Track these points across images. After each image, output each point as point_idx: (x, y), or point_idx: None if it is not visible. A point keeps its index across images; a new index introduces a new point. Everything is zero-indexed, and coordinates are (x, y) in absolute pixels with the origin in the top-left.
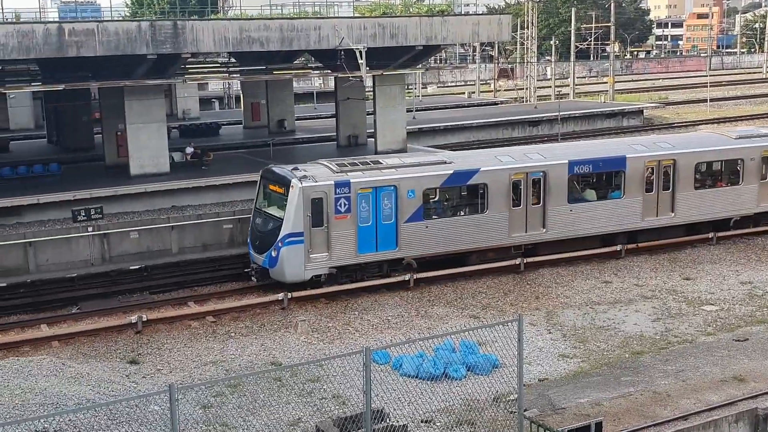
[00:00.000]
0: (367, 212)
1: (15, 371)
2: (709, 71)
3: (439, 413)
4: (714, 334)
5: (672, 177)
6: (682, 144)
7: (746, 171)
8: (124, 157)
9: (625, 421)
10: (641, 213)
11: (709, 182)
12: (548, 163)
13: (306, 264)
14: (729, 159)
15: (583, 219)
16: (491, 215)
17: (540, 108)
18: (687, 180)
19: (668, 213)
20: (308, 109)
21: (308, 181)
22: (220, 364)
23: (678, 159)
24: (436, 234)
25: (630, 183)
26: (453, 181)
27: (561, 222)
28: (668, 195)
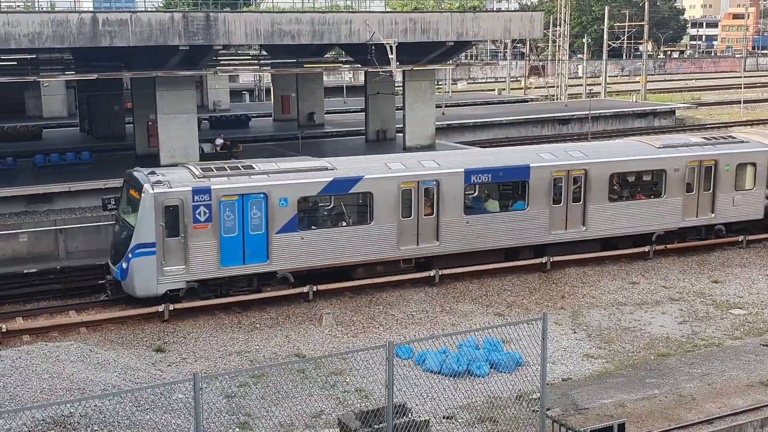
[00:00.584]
0: (233, 221)
1: (43, 356)
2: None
3: (461, 410)
4: (741, 338)
5: (583, 188)
6: (596, 153)
7: (669, 183)
8: (155, 147)
9: (649, 423)
10: (548, 226)
11: (627, 194)
12: (442, 172)
13: (159, 277)
14: (650, 170)
15: (481, 232)
16: (378, 226)
17: (570, 106)
18: (600, 191)
19: (579, 226)
20: (338, 103)
21: (161, 187)
22: (245, 354)
23: (590, 169)
24: (314, 246)
25: (535, 194)
26: (333, 188)
27: (456, 234)
28: (579, 207)
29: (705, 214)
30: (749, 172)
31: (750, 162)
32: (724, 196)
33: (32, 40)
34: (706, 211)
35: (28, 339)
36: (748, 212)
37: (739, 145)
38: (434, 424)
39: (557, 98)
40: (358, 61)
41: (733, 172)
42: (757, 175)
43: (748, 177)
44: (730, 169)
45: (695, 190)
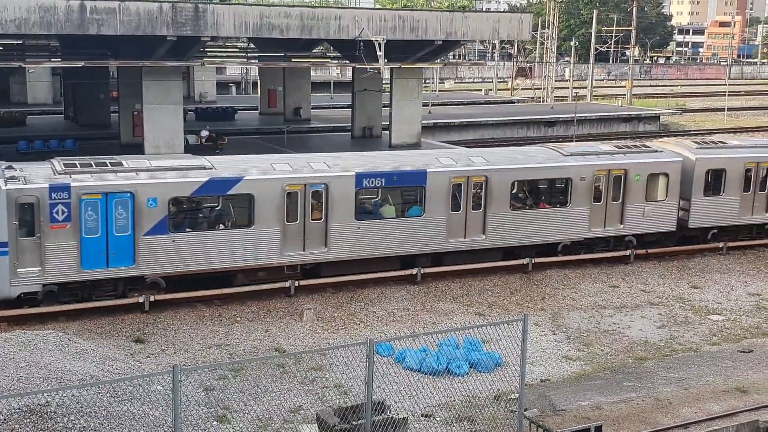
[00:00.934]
0: (95, 222)
1: (21, 344)
2: (729, 80)
3: (439, 408)
4: (719, 344)
5: (483, 195)
6: (498, 159)
7: (575, 192)
8: (140, 137)
9: (625, 426)
10: (446, 234)
11: (530, 203)
12: (332, 174)
13: (12, 279)
14: (555, 178)
15: (374, 238)
16: (259, 230)
17: (556, 109)
18: (501, 199)
19: (479, 235)
20: (325, 99)
21: (15, 183)
22: (225, 347)
23: (491, 176)
24: (187, 250)
25: (432, 200)
26: (209, 189)
27: (347, 240)
28: (479, 215)
29: (614, 225)
30: (661, 183)
31: (662, 172)
32: (633, 206)
33: (19, 25)
34: (615, 222)
35: (6, 327)
36: (660, 224)
37: (651, 154)
38: (412, 422)
39: (543, 100)
40: (346, 57)
41: (644, 183)
42: (669, 186)
43: (660, 188)
44: (640, 179)
45: (603, 200)
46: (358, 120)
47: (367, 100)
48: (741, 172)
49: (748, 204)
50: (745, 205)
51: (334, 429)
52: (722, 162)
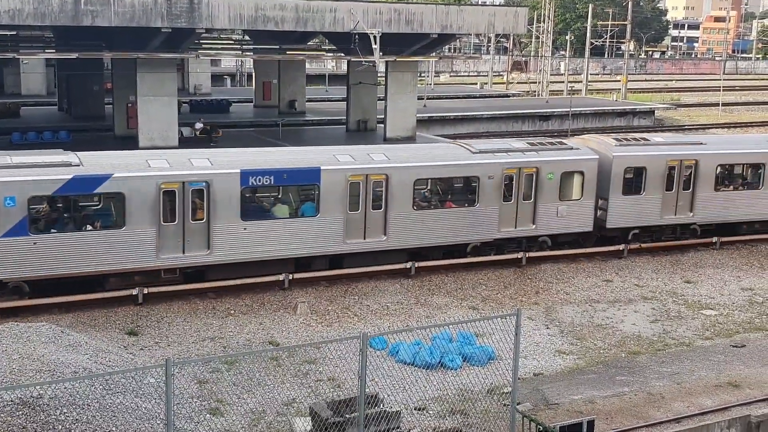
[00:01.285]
0: None
1: (14, 336)
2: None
3: (432, 401)
4: (711, 338)
5: (384, 194)
6: (400, 157)
7: (483, 191)
8: (134, 129)
9: (618, 420)
10: (344, 235)
11: (435, 202)
12: (214, 172)
13: None
14: (461, 176)
15: (263, 239)
16: (132, 232)
17: (551, 102)
18: (403, 198)
19: (379, 236)
20: (319, 91)
21: None
22: (218, 340)
23: (391, 174)
24: (51, 252)
25: (328, 199)
26: (73, 188)
27: (232, 242)
28: (379, 215)
29: (525, 225)
30: (576, 182)
31: (577, 170)
32: (546, 206)
33: (12, 16)
34: (527, 222)
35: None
36: (575, 224)
37: (566, 152)
38: (406, 415)
39: (539, 94)
40: (341, 50)
41: (557, 181)
42: (585, 185)
43: (575, 186)
44: (553, 177)
45: (514, 199)
46: (352, 113)
47: (362, 93)
48: (663, 170)
49: (671, 203)
50: (668, 205)
51: (328, 422)
52: (642, 159)
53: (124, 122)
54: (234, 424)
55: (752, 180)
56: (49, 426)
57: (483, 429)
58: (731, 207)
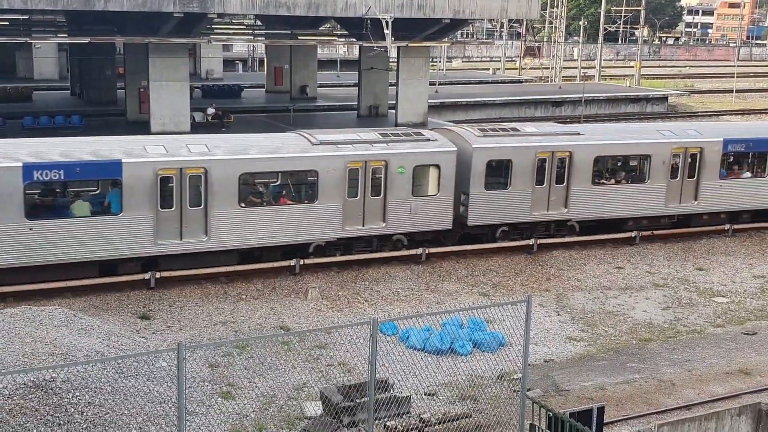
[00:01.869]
0: None
1: (26, 320)
2: (737, 61)
3: (442, 387)
4: (723, 326)
5: (204, 190)
6: (223, 149)
7: (323, 187)
8: (146, 114)
9: (628, 407)
10: (154, 235)
11: (267, 199)
12: None
13: None
14: (297, 170)
15: (55, 241)
16: None
17: (564, 88)
18: (227, 195)
19: (200, 236)
20: (331, 77)
21: None
22: (230, 324)
23: (211, 167)
24: None
25: (131, 196)
26: None
27: (14, 244)
28: (199, 212)
29: (374, 224)
30: (432, 176)
31: (432, 164)
32: (397, 202)
33: (25, 1)
34: (376, 219)
35: (12, 302)
36: (432, 222)
37: (420, 143)
38: (416, 401)
39: (551, 80)
40: (353, 35)
41: (409, 175)
42: (442, 179)
43: (430, 181)
44: (404, 171)
45: (360, 195)
46: (364, 98)
47: (374, 78)
48: (532, 163)
49: (542, 198)
50: (539, 200)
51: (338, 406)
52: (507, 151)
53: (137, 107)
54: (245, 408)
55: (636, 173)
56: (61, 409)
57: (493, 415)
58: (612, 202)
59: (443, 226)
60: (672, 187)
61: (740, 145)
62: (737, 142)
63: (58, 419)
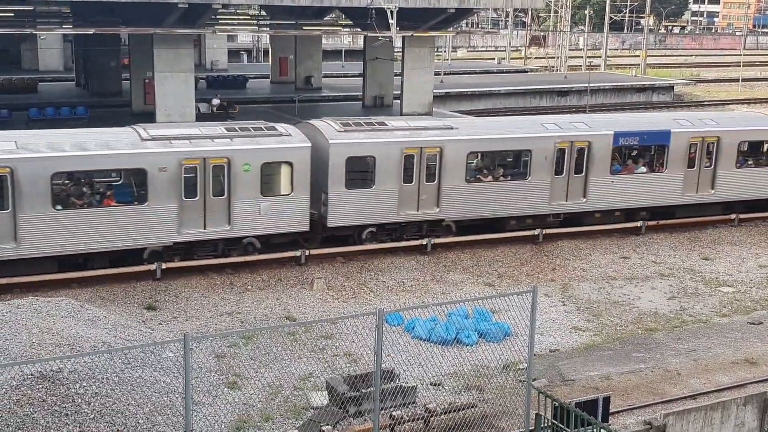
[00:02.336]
0: None
1: (33, 311)
2: (744, 50)
3: (448, 377)
4: (729, 315)
5: (10, 192)
6: (33, 145)
7: (154, 186)
8: (151, 105)
9: (634, 396)
10: None
11: (88, 201)
12: None
13: None
14: (123, 168)
15: None
16: None
17: (570, 78)
18: (36, 196)
19: (8, 242)
20: (336, 67)
21: None
22: (236, 315)
23: (17, 167)
24: None
25: None
26: None
27: None
28: (5, 216)
29: (218, 226)
30: (284, 174)
31: (284, 161)
32: (243, 203)
33: None
34: (221, 222)
35: (18, 293)
36: (286, 223)
37: (269, 139)
38: (421, 391)
39: (557, 69)
40: (357, 25)
41: (257, 174)
42: (295, 178)
43: (282, 179)
44: (250, 169)
45: (200, 195)
46: (369, 89)
47: (379, 68)
48: (398, 160)
49: (412, 197)
50: (408, 199)
51: (344, 396)
52: (370, 147)
53: (142, 98)
54: (251, 398)
55: (517, 169)
56: (69, 399)
57: (498, 405)
58: (490, 201)
59: (299, 227)
60: (557, 184)
61: (633, 138)
62: (629, 135)
63: (65, 409)
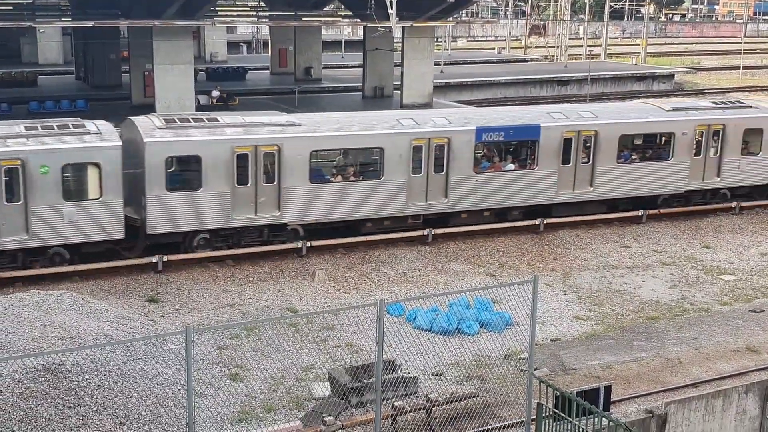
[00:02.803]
0: None
1: (35, 304)
2: (744, 38)
3: (450, 367)
4: (730, 303)
5: None
6: None
7: None
8: (151, 97)
9: (635, 385)
10: None
11: None
12: None
13: None
14: None
15: None
16: None
17: (570, 67)
18: None
19: None
20: (335, 58)
21: None
22: (238, 307)
23: None
24: None
25: None
26: None
27: None
28: None
29: (14, 235)
30: (91, 176)
31: (90, 162)
32: (45, 209)
33: None
34: (17, 230)
35: (20, 287)
36: (96, 231)
37: (74, 138)
38: (423, 381)
39: (557, 59)
40: (357, 16)
41: (57, 177)
42: (104, 180)
43: (89, 182)
44: (48, 171)
45: None
46: (369, 79)
47: (379, 59)
48: (229, 159)
49: (248, 200)
50: (243, 202)
51: (346, 387)
52: (194, 146)
53: (142, 91)
54: (254, 390)
55: (369, 169)
56: (71, 392)
57: (500, 394)
58: (339, 202)
59: (112, 235)
60: (415, 184)
61: (497, 133)
62: (494, 130)
63: (68, 402)
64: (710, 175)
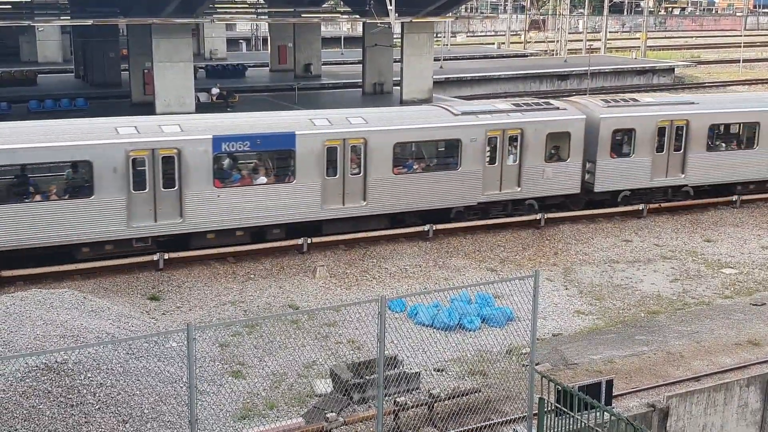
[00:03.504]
0: None
1: (37, 303)
2: (744, 31)
3: (452, 362)
4: (731, 297)
5: None
6: None
7: None
8: (150, 95)
9: (637, 379)
10: None
11: None
12: None
13: None
14: None
15: None
16: None
17: (570, 62)
18: None
19: None
20: (335, 54)
21: None
22: (239, 304)
23: None
24: None
25: None
26: None
27: None
28: None
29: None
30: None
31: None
32: None
33: None
34: None
35: (22, 285)
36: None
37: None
38: (425, 376)
39: (557, 53)
40: (356, 12)
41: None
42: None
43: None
44: None
45: None
46: (368, 76)
47: (378, 55)
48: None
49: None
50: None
51: (348, 383)
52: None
53: (141, 89)
54: (256, 387)
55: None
56: (74, 390)
57: (502, 389)
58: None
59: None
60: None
61: (242, 143)
62: (236, 139)
63: (70, 400)
64: (509, 185)
